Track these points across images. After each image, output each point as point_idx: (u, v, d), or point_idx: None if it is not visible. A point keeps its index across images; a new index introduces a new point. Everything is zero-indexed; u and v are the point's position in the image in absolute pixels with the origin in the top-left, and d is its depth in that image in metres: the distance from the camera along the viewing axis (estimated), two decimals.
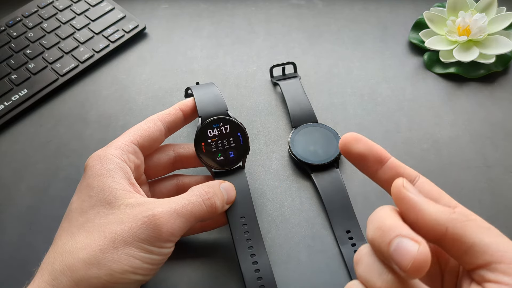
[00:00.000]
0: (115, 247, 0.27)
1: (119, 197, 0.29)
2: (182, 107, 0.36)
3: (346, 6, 0.54)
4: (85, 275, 0.26)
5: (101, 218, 0.28)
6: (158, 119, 0.35)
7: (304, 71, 0.48)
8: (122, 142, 0.32)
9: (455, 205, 0.24)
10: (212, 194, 0.31)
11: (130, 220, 0.28)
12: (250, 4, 0.55)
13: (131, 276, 0.27)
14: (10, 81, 0.47)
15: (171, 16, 0.54)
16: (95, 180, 0.30)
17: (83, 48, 0.50)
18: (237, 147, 0.35)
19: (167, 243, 0.29)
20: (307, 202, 0.39)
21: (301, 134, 0.41)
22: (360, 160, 0.27)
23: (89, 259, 0.27)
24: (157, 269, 0.29)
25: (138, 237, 0.27)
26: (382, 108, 0.45)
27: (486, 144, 0.42)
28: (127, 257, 0.27)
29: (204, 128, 0.34)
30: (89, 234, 0.28)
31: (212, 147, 0.34)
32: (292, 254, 0.36)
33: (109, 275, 0.26)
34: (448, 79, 0.47)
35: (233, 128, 0.35)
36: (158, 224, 0.28)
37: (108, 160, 0.31)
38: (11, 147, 0.44)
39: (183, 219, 0.29)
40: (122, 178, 0.30)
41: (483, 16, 0.46)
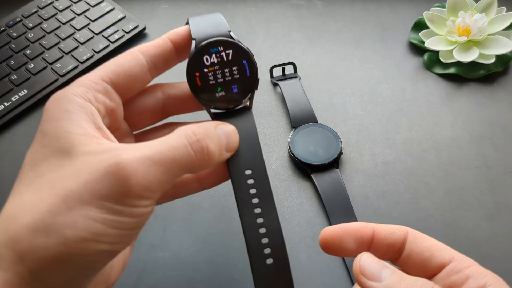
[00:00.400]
0: (68, 207, 0.20)
1: (78, 144, 0.22)
2: (172, 36, 0.28)
3: (346, 6, 0.54)
4: (30, 245, 0.20)
5: (53, 172, 0.22)
6: (138, 51, 0.27)
7: (304, 71, 0.48)
8: (88, 79, 0.25)
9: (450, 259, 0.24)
10: (203, 135, 0.24)
11: (89, 172, 0.21)
12: (250, 5, 0.55)
13: (92, 245, 0.20)
14: (10, 81, 0.47)
15: (171, 17, 0.54)
16: (49, 124, 0.23)
17: (83, 49, 0.50)
18: (242, 79, 0.27)
19: (141, 200, 0.22)
20: (307, 202, 0.39)
21: (301, 135, 0.41)
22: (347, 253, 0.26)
23: (35, 224, 0.20)
24: (131, 236, 0.22)
25: (98, 193, 0.21)
26: (382, 108, 0.45)
27: (486, 144, 0.42)
28: (84, 220, 0.20)
29: (199, 53, 0.26)
30: (37, 193, 0.21)
31: (209, 79, 0.26)
32: (292, 254, 0.36)
33: (61, 244, 0.20)
34: (448, 79, 0.47)
35: (237, 54, 0.27)
36: (124, 174, 0.21)
37: (67, 99, 0.23)
38: (11, 147, 0.44)
39: (161, 168, 0.22)
40: (83, 121, 0.23)
41: (483, 17, 0.46)
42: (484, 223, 0.37)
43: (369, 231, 0.25)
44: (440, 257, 0.24)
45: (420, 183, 0.39)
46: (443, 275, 0.24)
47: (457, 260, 0.24)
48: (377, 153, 0.42)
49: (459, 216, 0.37)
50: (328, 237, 0.25)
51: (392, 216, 0.37)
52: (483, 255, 0.35)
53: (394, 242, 0.25)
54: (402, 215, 0.38)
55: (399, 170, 0.40)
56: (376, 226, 0.25)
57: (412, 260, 0.25)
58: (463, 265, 0.23)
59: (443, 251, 0.24)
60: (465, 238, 0.36)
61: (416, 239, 0.25)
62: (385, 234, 0.25)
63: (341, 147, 0.40)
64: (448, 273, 0.23)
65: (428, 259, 0.24)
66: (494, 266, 0.35)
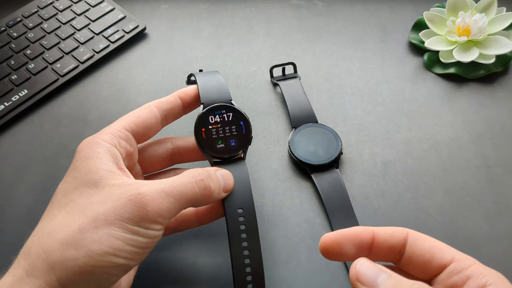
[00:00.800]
0: (95, 226, 0.25)
1: (105, 177, 0.27)
2: (181, 95, 0.34)
3: (346, 6, 0.54)
4: (61, 257, 0.24)
5: (84, 198, 0.26)
6: (154, 106, 0.33)
7: (304, 71, 0.48)
8: (114, 128, 0.31)
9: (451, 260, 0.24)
10: (206, 176, 0.29)
11: (114, 199, 0.26)
12: (250, 5, 0.55)
13: (113, 259, 0.25)
14: (10, 81, 0.47)
15: (171, 17, 0.54)
16: (82, 162, 0.28)
17: (83, 49, 0.50)
18: (239, 135, 0.33)
19: (154, 224, 0.26)
20: (307, 202, 0.39)
21: (301, 135, 0.41)
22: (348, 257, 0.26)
23: (67, 240, 0.24)
24: (143, 254, 0.27)
25: (121, 216, 0.25)
26: (382, 108, 0.45)
27: (486, 144, 0.42)
28: (108, 237, 0.25)
29: (206, 114, 0.33)
30: (69, 215, 0.26)
31: (212, 133, 0.33)
32: (292, 254, 0.36)
33: (87, 256, 0.24)
34: (448, 79, 0.47)
35: (236, 116, 0.33)
36: (143, 202, 0.26)
37: (97, 144, 0.29)
38: (11, 147, 0.44)
39: (172, 199, 0.27)
40: (110, 161, 0.28)
41: (483, 17, 0.46)
42: (484, 223, 0.37)
43: (368, 235, 0.25)
44: (441, 258, 0.24)
45: (420, 183, 0.39)
46: (444, 276, 0.24)
47: (458, 260, 0.24)
48: (377, 153, 0.42)
49: (459, 216, 0.37)
50: (328, 243, 0.25)
51: (392, 216, 0.38)
52: (483, 255, 0.35)
53: (395, 244, 0.25)
54: (402, 215, 0.38)
55: (399, 170, 0.40)
56: (375, 230, 0.25)
57: (413, 262, 0.25)
58: (463, 265, 0.23)
59: (444, 251, 0.24)
60: (465, 238, 0.36)
61: (416, 240, 0.25)
62: (385, 237, 0.25)
63: (341, 147, 0.40)
64: (449, 274, 0.23)
65: (429, 260, 0.24)
66: (494, 266, 0.35)
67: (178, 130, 0.44)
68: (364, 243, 0.25)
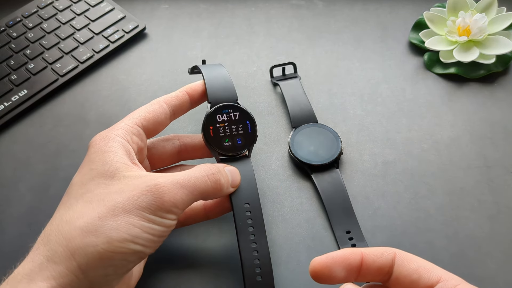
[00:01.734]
0: (114, 214, 0.26)
1: (121, 169, 0.29)
2: (189, 90, 0.35)
3: (346, 6, 0.54)
4: (81, 243, 0.25)
5: (101, 188, 0.28)
6: (164, 101, 0.34)
7: (304, 71, 0.48)
8: (126, 124, 0.32)
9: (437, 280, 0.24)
10: (216, 171, 0.31)
11: (132, 189, 0.27)
12: (250, 5, 0.55)
13: (131, 245, 0.26)
14: (10, 81, 0.47)
15: (171, 16, 0.54)
16: (98, 155, 0.29)
17: (83, 49, 0.50)
18: (245, 134, 0.35)
19: (169, 213, 0.28)
20: (307, 202, 0.39)
21: (301, 135, 0.41)
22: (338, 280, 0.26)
23: (87, 227, 0.26)
24: (158, 242, 0.28)
25: (139, 205, 0.27)
26: (382, 108, 0.45)
27: (486, 144, 0.42)
28: (126, 225, 0.26)
29: (214, 113, 0.34)
30: (87, 204, 0.27)
31: (220, 132, 0.34)
32: (292, 255, 0.36)
33: (107, 243, 0.25)
34: (448, 79, 0.47)
35: (242, 115, 0.35)
36: (160, 192, 0.27)
37: (112, 139, 0.30)
38: (11, 147, 0.44)
39: (186, 191, 0.28)
40: (124, 155, 0.30)
41: (483, 17, 0.46)
42: (484, 223, 0.37)
43: (357, 257, 0.26)
44: (427, 278, 0.24)
45: (420, 183, 0.39)
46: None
47: (444, 280, 0.24)
48: (377, 153, 0.42)
49: (459, 216, 0.37)
50: (318, 268, 0.26)
51: (392, 216, 0.37)
52: (483, 255, 0.35)
53: (383, 265, 0.26)
54: (402, 215, 0.38)
55: (399, 170, 0.40)
56: (364, 251, 0.26)
57: (401, 282, 0.25)
58: (450, 285, 0.24)
59: (430, 272, 0.25)
60: (465, 238, 0.36)
61: (403, 261, 0.25)
62: (373, 258, 0.26)
63: (341, 147, 0.40)
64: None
65: (416, 280, 0.25)
66: (494, 266, 0.35)
67: (181, 126, 0.44)
68: (353, 266, 0.26)
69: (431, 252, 0.35)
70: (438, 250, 0.36)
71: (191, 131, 0.44)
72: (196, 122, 0.44)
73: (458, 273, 0.27)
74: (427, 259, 0.35)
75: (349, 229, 0.36)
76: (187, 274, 0.35)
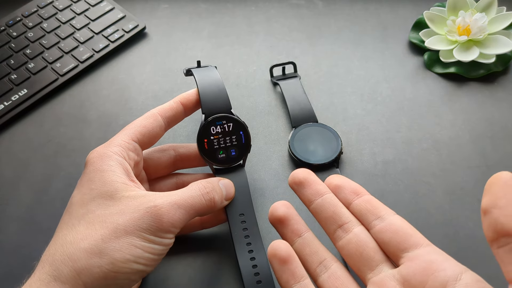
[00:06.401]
0: (116, 236, 0.27)
1: (120, 189, 0.29)
2: (183, 100, 0.36)
3: (346, 6, 0.54)
4: (86, 264, 0.26)
5: (102, 209, 0.28)
6: (158, 114, 0.34)
7: (304, 71, 0.48)
8: (122, 140, 0.32)
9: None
10: (211, 189, 0.32)
11: (132, 211, 0.28)
12: (250, 4, 0.55)
13: (133, 265, 0.27)
14: (10, 81, 0.47)
15: (171, 16, 0.54)
16: (96, 174, 0.30)
17: (83, 48, 0.50)
18: (239, 145, 0.35)
19: (168, 233, 0.29)
20: None
21: (301, 134, 0.41)
22: None
23: (91, 248, 0.27)
24: (158, 260, 0.29)
25: (139, 227, 0.28)
26: (382, 108, 0.45)
27: (486, 144, 0.42)
28: (128, 246, 0.27)
29: (208, 125, 0.34)
30: (90, 225, 0.28)
31: (214, 144, 0.35)
32: None
33: (111, 264, 0.26)
34: (448, 79, 0.47)
35: (236, 126, 0.35)
36: (159, 214, 0.28)
37: (109, 157, 0.31)
38: (11, 147, 0.44)
39: (183, 211, 0.29)
40: (122, 174, 0.30)
41: (483, 16, 0.46)
42: None
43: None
44: None
45: (420, 183, 0.39)
46: None
47: None
48: (377, 152, 0.42)
49: (459, 215, 0.37)
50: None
51: None
52: (483, 254, 0.35)
53: None
54: (402, 215, 0.37)
55: (399, 169, 0.40)
56: None
57: None
58: None
59: None
60: (465, 237, 0.36)
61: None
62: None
63: (341, 146, 0.40)
64: None
65: None
66: (493, 266, 0.35)
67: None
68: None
69: None
70: None
71: (191, 131, 0.44)
72: (196, 122, 0.44)
73: None
74: None
75: None
76: (186, 278, 0.35)
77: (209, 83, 0.36)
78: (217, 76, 0.37)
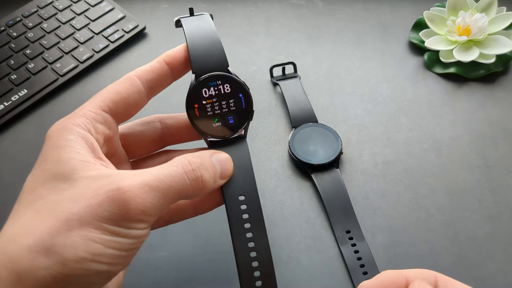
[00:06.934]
0: (68, 229, 0.21)
1: (79, 168, 0.23)
2: (168, 59, 0.29)
3: (346, 6, 0.54)
4: (30, 265, 0.20)
5: (54, 194, 0.22)
6: (136, 76, 0.28)
7: (304, 71, 0.48)
8: (88, 109, 0.26)
9: None
10: (198, 165, 0.25)
11: (90, 196, 0.22)
12: (250, 4, 0.55)
13: (92, 265, 0.21)
14: (10, 81, 0.47)
15: (171, 16, 0.54)
16: (52, 151, 0.24)
17: (83, 48, 0.50)
18: (238, 111, 0.28)
19: (138, 223, 0.23)
20: (307, 202, 0.39)
21: (301, 134, 0.41)
22: None
23: (35, 246, 0.21)
24: (128, 257, 0.23)
25: (98, 216, 0.22)
26: (382, 108, 0.45)
27: (486, 144, 0.42)
28: (83, 241, 0.21)
29: (198, 87, 0.28)
30: (37, 215, 0.22)
31: (207, 110, 0.28)
32: (292, 255, 0.36)
33: (61, 264, 0.21)
34: (448, 79, 0.47)
35: (234, 87, 0.28)
36: (124, 199, 0.22)
37: (69, 130, 0.25)
38: (11, 147, 0.44)
39: (158, 194, 0.23)
40: (84, 150, 0.24)
41: (483, 16, 0.46)
42: (484, 223, 0.37)
43: (403, 281, 0.24)
44: None
45: (421, 183, 0.39)
46: None
47: None
48: (377, 152, 0.42)
49: (459, 216, 0.37)
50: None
51: (392, 216, 0.37)
52: (483, 255, 0.35)
53: None
54: (402, 215, 0.38)
55: (399, 170, 0.40)
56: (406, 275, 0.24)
57: None
58: None
59: None
60: (465, 238, 0.36)
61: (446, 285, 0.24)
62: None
63: (341, 147, 0.40)
64: None
65: None
66: (494, 266, 0.35)
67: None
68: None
69: (431, 252, 0.35)
70: (438, 250, 0.36)
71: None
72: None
73: (458, 273, 0.27)
74: (427, 260, 0.35)
75: (349, 229, 0.36)
76: (184, 282, 0.35)
77: (200, 35, 0.29)
78: (210, 26, 0.30)
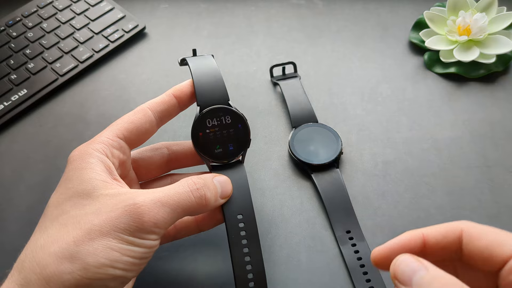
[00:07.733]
0: (90, 238, 0.25)
1: (99, 187, 0.27)
2: (176, 93, 0.33)
3: (346, 6, 0.54)
4: (56, 270, 0.24)
5: (77, 209, 0.26)
6: (148, 108, 0.32)
7: (304, 71, 0.48)
8: (106, 137, 0.30)
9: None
10: (202, 185, 0.29)
11: (109, 210, 0.26)
12: (250, 4, 0.55)
13: (110, 270, 0.25)
14: (10, 81, 0.47)
15: (171, 16, 0.54)
16: (74, 173, 0.28)
17: (83, 48, 0.50)
18: (237, 139, 0.32)
19: (150, 234, 0.26)
20: (307, 202, 0.39)
21: (301, 134, 0.41)
22: None
23: (61, 253, 0.24)
24: (141, 264, 0.27)
25: (116, 227, 0.25)
26: (382, 108, 0.45)
27: (486, 144, 0.42)
28: (103, 249, 0.25)
29: (203, 117, 0.32)
30: (62, 227, 0.25)
31: (210, 138, 0.32)
32: (292, 254, 0.36)
33: (83, 269, 0.24)
34: (448, 79, 0.47)
35: (234, 119, 0.32)
36: (139, 213, 0.26)
37: (90, 154, 0.28)
38: (11, 147, 0.44)
39: (167, 209, 0.27)
40: (103, 172, 0.28)
41: (483, 16, 0.46)
42: (484, 223, 0.36)
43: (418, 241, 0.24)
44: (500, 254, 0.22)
45: (421, 183, 0.39)
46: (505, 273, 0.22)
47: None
48: (378, 152, 0.42)
49: (459, 216, 0.37)
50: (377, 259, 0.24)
51: (392, 216, 0.37)
52: None
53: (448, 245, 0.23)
54: (402, 215, 0.38)
55: (399, 170, 0.40)
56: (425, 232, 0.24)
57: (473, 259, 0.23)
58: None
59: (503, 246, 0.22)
60: None
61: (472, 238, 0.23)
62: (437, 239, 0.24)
63: (341, 146, 0.40)
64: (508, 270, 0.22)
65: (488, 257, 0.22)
66: None
67: (175, 128, 0.44)
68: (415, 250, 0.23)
69: None
70: None
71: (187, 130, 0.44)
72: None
73: None
74: None
75: (349, 229, 0.36)
76: None
77: (205, 73, 0.33)
78: (213, 65, 0.34)
